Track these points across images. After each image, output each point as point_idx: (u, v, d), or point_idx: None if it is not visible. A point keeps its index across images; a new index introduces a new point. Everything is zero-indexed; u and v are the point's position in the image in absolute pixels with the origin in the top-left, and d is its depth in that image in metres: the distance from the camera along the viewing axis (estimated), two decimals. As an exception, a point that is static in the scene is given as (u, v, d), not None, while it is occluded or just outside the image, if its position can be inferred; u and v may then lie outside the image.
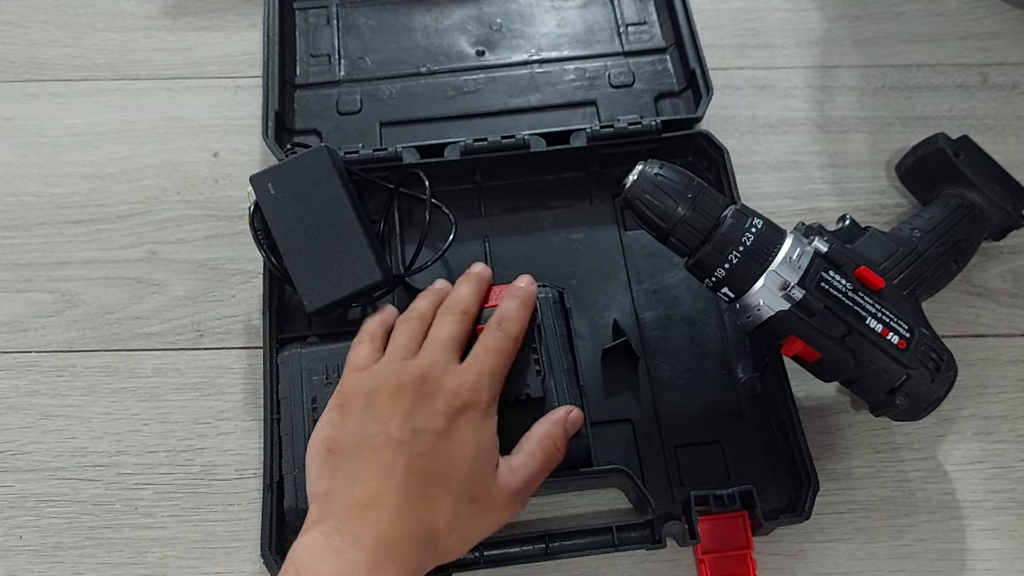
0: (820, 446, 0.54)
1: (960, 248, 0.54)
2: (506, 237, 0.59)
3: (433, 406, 0.44)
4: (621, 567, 0.51)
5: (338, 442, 0.44)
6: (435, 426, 0.43)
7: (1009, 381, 0.56)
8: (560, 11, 0.69)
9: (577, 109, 0.64)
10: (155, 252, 0.60)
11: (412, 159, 0.59)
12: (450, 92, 0.65)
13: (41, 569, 0.51)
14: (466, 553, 0.45)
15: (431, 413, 0.44)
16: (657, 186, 0.47)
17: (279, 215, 0.53)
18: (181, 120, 0.65)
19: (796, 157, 0.64)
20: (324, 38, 0.67)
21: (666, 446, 0.53)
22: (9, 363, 0.57)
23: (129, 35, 0.69)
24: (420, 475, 0.42)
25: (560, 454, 0.47)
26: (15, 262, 0.60)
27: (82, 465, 0.54)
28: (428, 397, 0.44)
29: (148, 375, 0.56)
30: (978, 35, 0.69)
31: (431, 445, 0.43)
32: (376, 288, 0.53)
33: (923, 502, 0.53)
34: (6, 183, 0.63)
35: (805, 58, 0.68)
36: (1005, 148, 0.64)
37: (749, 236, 0.46)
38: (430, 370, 0.45)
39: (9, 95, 0.67)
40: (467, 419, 0.44)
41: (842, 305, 0.47)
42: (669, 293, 0.58)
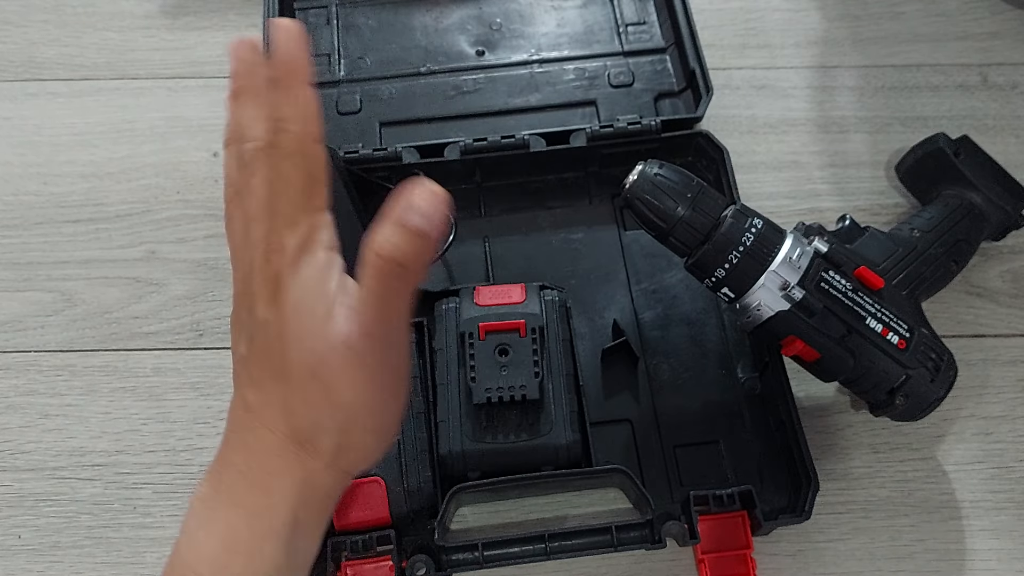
0: (820, 446, 0.54)
1: (960, 248, 0.54)
2: (506, 237, 0.59)
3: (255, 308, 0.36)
4: (621, 567, 0.51)
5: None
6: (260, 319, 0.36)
7: (1009, 381, 0.56)
8: (560, 11, 0.68)
9: (577, 109, 0.64)
10: (154, 252, 0.60)
11: (412, 159, 0.59)
12: (450, 92, 0.65)
13: (40, 568, 0.51)
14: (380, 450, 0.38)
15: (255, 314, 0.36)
16: (657, 186, 0.47)
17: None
18: (180, 119, 0.65)
19: (796, 157, 0.64)
20: (324, 38, 0.67)
21: (665, 446, 0.53)
22: (8, 362, 0.57)
23: (128, 34, 0.69)
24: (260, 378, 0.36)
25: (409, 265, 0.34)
26: (14, 261, 0.60)
27: (81, 464, 0.54)
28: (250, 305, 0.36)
29: (147, 375, 0.56)
30: (978, 35, 0.69)
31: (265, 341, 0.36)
32: (376, 288, 0.52)
33: (922, 502, 0.53)
34: (5, 182, 0.63)
35: (805, 58, 0.68)
36: (1005, 148, 0.64)
37: (749, 236, 0.46)
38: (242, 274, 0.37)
39: (8, 94, 0.67)
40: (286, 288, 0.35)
41: (842, 305, 0.47)
42: (668, 293, 0.58)
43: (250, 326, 0.36)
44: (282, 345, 0.35)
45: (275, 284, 0.35)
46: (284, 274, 0.35)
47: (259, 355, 0.36)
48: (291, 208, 0.36)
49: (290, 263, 0.35)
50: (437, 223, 0.33)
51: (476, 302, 0.52)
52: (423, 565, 0.47)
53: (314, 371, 0.35)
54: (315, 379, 0.35)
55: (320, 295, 0.35)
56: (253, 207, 0.36)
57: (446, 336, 0.51)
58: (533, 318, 0.51)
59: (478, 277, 0.58)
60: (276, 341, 0.35)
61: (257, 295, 0.36)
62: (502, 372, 0.49)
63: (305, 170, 0.36)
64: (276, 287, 0.35)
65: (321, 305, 0.35)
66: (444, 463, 0.49)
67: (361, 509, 0.48)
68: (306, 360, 0.35)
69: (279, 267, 0.35)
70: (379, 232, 0.34)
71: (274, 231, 0.35)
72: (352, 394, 0.35)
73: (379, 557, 0.47)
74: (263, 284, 0.35)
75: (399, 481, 0.48)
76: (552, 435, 0.49)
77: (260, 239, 0.36)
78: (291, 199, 0.36)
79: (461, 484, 0.48)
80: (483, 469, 0.49)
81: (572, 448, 0.49)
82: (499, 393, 0.49)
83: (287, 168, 0.36)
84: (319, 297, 0.35)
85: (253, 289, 0.36)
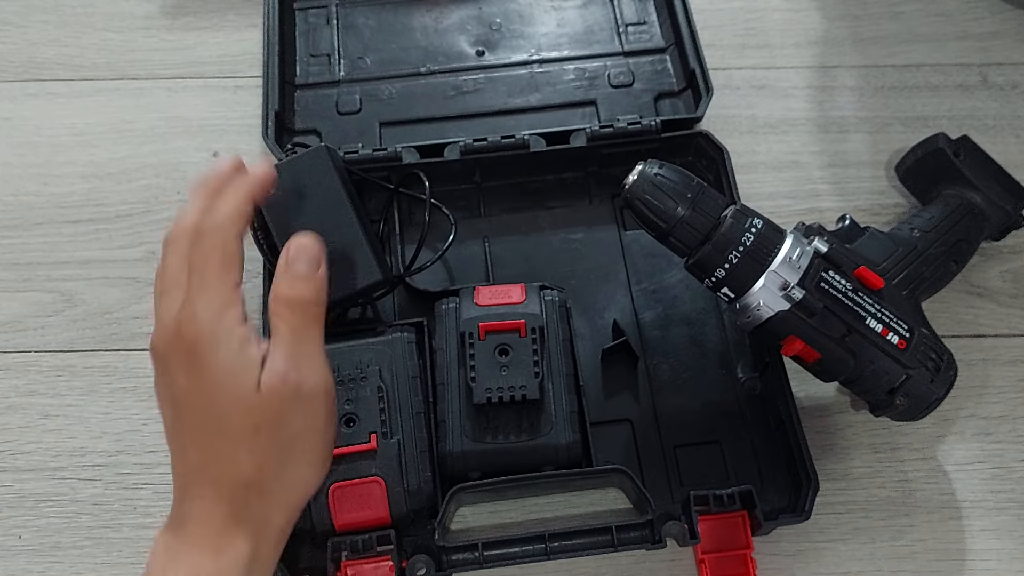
0: (820, 446, 0.54)
1: (960, 248, 0.54)
2: (505, 237, 0.59)
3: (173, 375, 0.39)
4: (621, 567, 0.51)
5: None
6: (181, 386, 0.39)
7: (1009, 381, 0.56)
8: (560, 11, 0.68)
9: (577, 109, 0.64)
10: (154, 252, 0.60)
11: (412, 159, 0.59)
12: (450, 92, 0.65)
13: (40, 569, 0.51)
14: (327, 467, 0.42)
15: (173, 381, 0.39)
16: (657, 186, 0.47)
17: (279, 215, 0.53)
18: (180, 120, 0.65)
19: (796, 157, 0.64)
20: (324, 38, 0.67)
21: (666, 446, 0.53)
22: (8, 363, 0.57)
23: (128, 35, 0.69)
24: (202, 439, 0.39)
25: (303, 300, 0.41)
26: (14, 262, 0.60)
27: (81, 465, 0.54)
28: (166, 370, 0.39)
29: (147, 375, 0.56)
30: (978, 35, 0.69)
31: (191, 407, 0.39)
32: (376, 288, 0.53)
33: (923, 502, 0.53)
34: (5, 183, 0.63)
35: (805, 58, 0.68)
36: (1005, 148, 0.64)
37: (749, 236, 0.46)
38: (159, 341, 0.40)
39: (8, 95, 0.67)
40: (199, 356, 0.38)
41: (842, 305, 0.47)
42: (669, 293, 0.58)
43: (173, 393, 0.39)
44: (215, 408, 0.38)
45: (191, 354, 0.38)
46: (200, 343, 0.38)
47: (191, 419, 0.39)
48: (204, 284, 0.39)
49: (207, 333, 0.38)
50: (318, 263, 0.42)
51: (476, 302, 0.52)
52: (423, 565, 0.47)
53: (256, 424, 0.38)
54: (256, 430, 0.38)
55: (245, 360, 0.39)
56: (167, 281, 0.40)
57: (446, 336, 0.51)
58: (533, 318, 0.51)
59: (478, 277, 0.58)
60: (208, 406, 0.38)
61: (174, 365, 0.39)
62: (502, 372, 0.49)
63: (223, 251, 0.40)
64: (193, 356, 0.38)
65: (249, 369, 0.39)
66: (444, 463, 0.49)
67: (361, 509, 0.48)
68: (244, 416, 0.38)
69: (194, 336, 0.38)
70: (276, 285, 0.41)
71: (187, 303, 0.39)
72: (293, 429, 0.39)
73: (379, 557, 0.47)
74: (178, 353, 0.38)
75: (399, 481, 0.48)
76: (552, 435, 0.49)
77: (174, 311, 0.39)
78: (204, 276, 0.39)
79: (461, 484, 0.48)
80: (483, 469, 0.49)
81: (572, 448, 0.49)
82: (499, 393, 0.49)
83: (205, 248, 0.40)
84: (244, 362, 0.39)
85: (169, 359, 0.39)
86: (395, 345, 0.51)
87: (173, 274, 0.40)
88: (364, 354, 0.51)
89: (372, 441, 0.48)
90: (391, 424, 0.49)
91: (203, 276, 0.39)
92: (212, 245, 0.40)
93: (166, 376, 0.39)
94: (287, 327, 0.40)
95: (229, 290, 0.39)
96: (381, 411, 0.49)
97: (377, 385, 0.50)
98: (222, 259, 0.40)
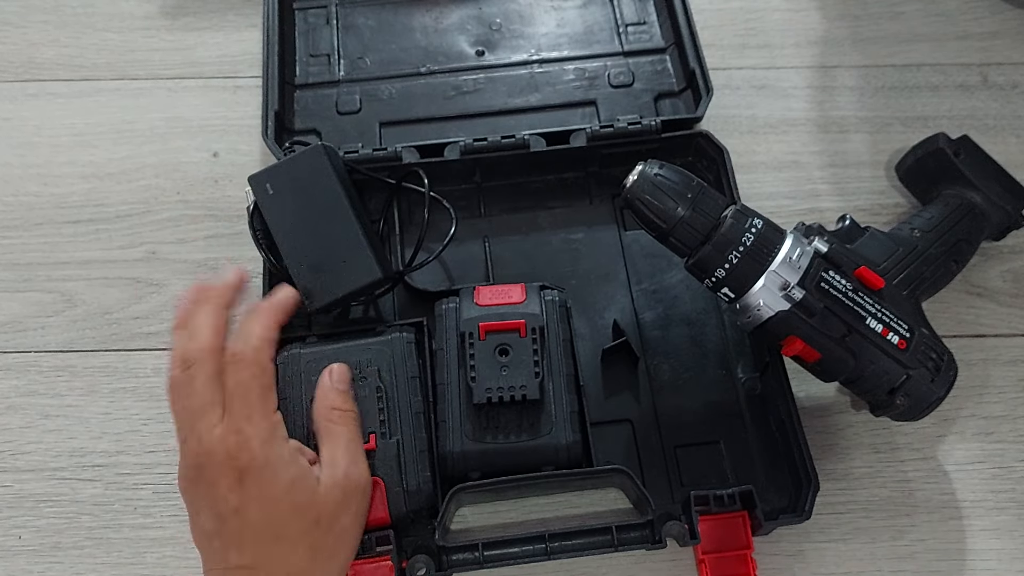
0: (820, 446, 0.54)
1: (960, 248, 0.54)
2: (506, 237, 0.59)
3: (217, 490, 0.42)
4: (621, 567, 0.51)
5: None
6: (232, 505, 0.42)
7: (1009, 381, 0.56)
8: (560, 11, 0.68)
9: (577, 109, 0.64)
10: (154, 252, 0.60)
11: (412, 159, 0.59)
12: (450, 92, 0.65)
13: (40, 569, 0.51)
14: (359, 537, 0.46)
15: (220, 498, 0.42)
16: (657, 186, 0.47)
17: (278, 215, 0.53)
18: (180, 120, 0.65)
19: (796, 157, 0.64)
20: (324, 38, 0.67)
21: (666, 446, 0.53)
22: (8, 363, 0.57)
23: (128, 35, 0.69)
24: (253, 549, 0.42)
25: (351, 411, 0.47)
26: (15, 262, 0.60)
27: (81, 465, 0.54)
28: (211, 485, 0.42)
29: (147, 375, 0.56)
30: (978, 35, 0.69)
31: (240, 520, 0.42)
32: (376, 286, 0.53)
33: (923, 502, 0.53)
34: (6, 183, 0.63)
35: (805, 58, 0.68)
36: (1005, 148, 0.64)
37: (749, 236, 0.46)
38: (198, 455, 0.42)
39: (8, 95, 0.67)
40: (253, 476, 0.42)
41: (842, 305, 0.47)
42: (669, 293, 0.57)
43: (219, 510, 0.42)
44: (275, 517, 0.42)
45: (246, 476, 0.42)
46: (255, 468, 0.42)
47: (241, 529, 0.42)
48: (250, 412, 0.43)
49: (261, 459, 0.42)
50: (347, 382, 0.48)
51: (476, 302, 0.52)
52: (423, 565, 0.47)
53: (317, 518, 0.43)
54: (316, 524, 0.43)
55: (301, 471, 0.43)
56: (197, 401, 0.43)
57: (446, 336, 0.51)
58: (533, 318, 0.51)
59: (478, 277, 0.58)
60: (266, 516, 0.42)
61: (223, 486, 0.42)
62: (502, 372, 0.49)
63: (261, 380, 0.44)
64: (247, 478, 0.42)
65: (307, 476, 0.43)
66: (444, 463, 0.49)
67: (361, 509, 0.48)
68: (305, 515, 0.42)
69: (248, 463, 0.42)
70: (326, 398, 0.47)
71: (235, 431, 0.42)
72: (346, 521, 0.44)
73: (379, 557, 0.47)
74: (228, 476, 0.42)
75: (398, 482, 0.48)
76: (552, 435, 0.49)
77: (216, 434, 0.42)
78: (249, 404, 0.43)
79: (461, 484, 0.48)
80: (483, 469, 0.49)
81: (572, 448, 0.49)
82: (499, 393, 0.49)
83: (245, 376, 0.43)
84: (301, 472, 0.43)
85: (217, 480, 0.42)
86: (395, 345, 0.51)
87: (205, 395, 0.43)
88: (363, 354, 0.51)
89: (371, 441, 0.48)
90: (390, 424, 0.49)
91: (247, 403, 0.43)
92: (252, 374, 0.44)
93: (212, 492, 0.42)
94: (343, 431, 0.46)
95: (273, 415, 0.44)
96: (380, 411, 0.49)
97: (376, 385, 0.50)
98: (261, 387, 0.44)
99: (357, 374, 0.50)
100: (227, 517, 0.42)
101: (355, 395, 0.49)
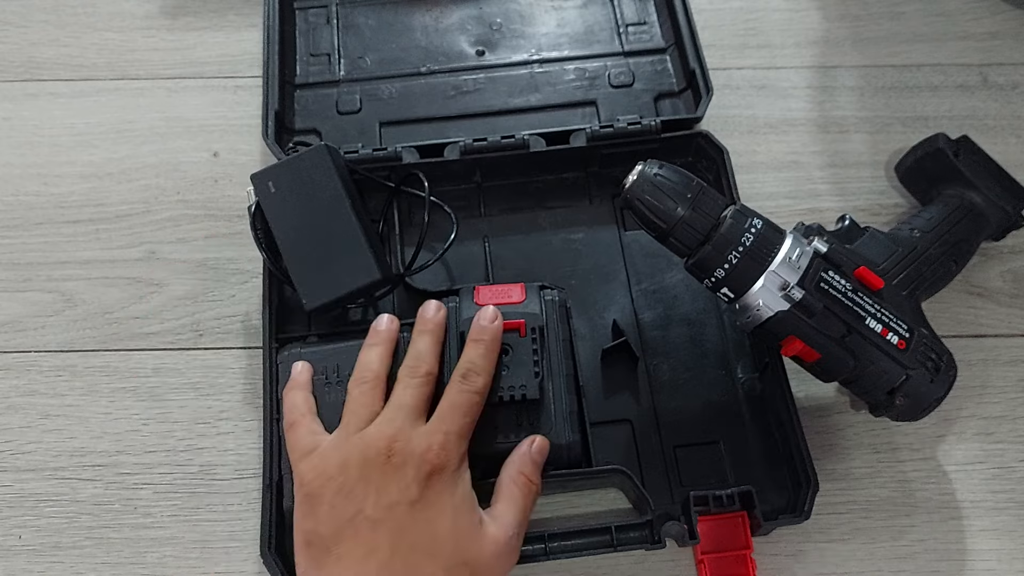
0: (820, 446, 0.54)
1: (960, 248, 0.54)
2: (506, 237, 0.59)
3: (404, 476, 0.43)
4: (620, 567, 0.51)
5: (315, 533, 0.43)
6: (410, 496, 0.43)
7: (1009, 381, 0.56)
8: (560, 11, 0.68)
9: (577, 109, 0.64)
10: (154, 252, 0.60)
11: (412, 159, 0.59)
12: (450, 92, 0.65)
13: (40, 569, 0.51)
14: None
15: (403, 484, 0.43)
16: (656, 186, 0.47)
17: (279, 213, 0.53)
18: (180, 120, 0.65)
19: (796, 157, 0.64)
20: (324, 38, 0.67)
21: (665, 446, 0.53)
22: (8, 363, 0.57)
23: (128, 35, 0.69)
24: (405, 551, 0.42)
25: (536, 486, 0.47)
26: (14, 262, 0.60)
27: (81, 465, 0.54)
28: (397, 468, 0.43)
29: (147, 375, 0.56)
30: (978, 35, 0.69)
31: (410, 517, 0.42)
32: (375, 287, 0.53)
33: (923, 502, 0.53)
34: (6, 183, 0.63)
35: (805, 58, 0.68)
36: (1005, 148, 0.64)
37: (749, 236, 0.46)
38: (395, 439, 0.44)
39: (9, 95, 0.67)
40: (440, 483, 0.43)
41: (841, 305, 0.47)
42: (668, 293, 0.58)
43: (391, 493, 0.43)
44: (440, 531, 0.43)
45: (439, 471, 0.43)
46: (447, 471, 0.43)
47: (401, 526, 0.42)
48: (459, 425, 0.45)
49: (454, 465, 0.44)
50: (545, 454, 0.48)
51: (476, 302, 0.52)
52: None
53: (465, 560, 0.43)
54: (464, 565, 0.42)
55: (472, 506, 0.44)
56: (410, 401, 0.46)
57: (446, 336, 0.51)
58: (533, 318, 0.51)
59: (478, 277, 0.58)
60: (427, 523, 0.42)
61: (406, 470, 0.43)
62: (502, 372, 0.49)
63: (473, 411, 0.46)
64: (438, 475, 0.43)
65: (475, 510, 0.44)
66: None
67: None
68: (460, 552, 0.43)
69: (444, 462, 0.43)
70: (523, 462, 0.47)
71: (440, 432, 0.44)
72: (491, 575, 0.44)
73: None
74: (418, 464, 0.43)
75: None
76: (552, 435, 0.49)
77: (423, 429, 0.45)
78: (459, 420, 0.45)
79: (461, 484, 0.48)
80: (483, 469, 0.49)
81: (572, 448, 0.49)
82: (499, 393, 0.49)
83: (464, 400, 0.46)
84: (471, 508, 0.44)
85: (406, 467, 0.43)
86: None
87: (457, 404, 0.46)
88: (364, 354, 0.51)
89: None
90: None
91: (456, 419, 0.45)
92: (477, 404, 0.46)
93: (397, 477, 0.43)
94: (524, 499, 0.46)
95: (466, 447, 0.46)
96: None
97: (376, 386, 0.50)
98: (472, 415, 0.46)
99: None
100: (397, 506, 0.42)
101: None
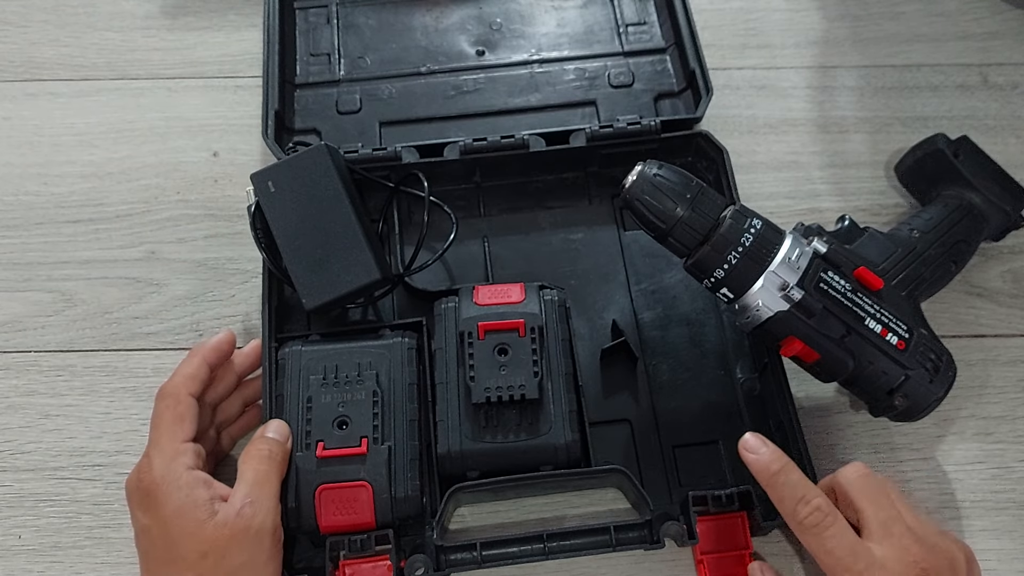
0: (820, 446, 0.54)
1: (959, 249, 0.54)
2: (505, 237, 0.59)
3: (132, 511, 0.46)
4: (620, 567, 0.51)
5: None
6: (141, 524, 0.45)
7: (1009, 381, 0.56)
8: (560, 11, 0.68)
9: (577, 109, 0.64)
10: (154, 252, 0.60)
11: (412, 159, 0.59)
12: (450, 92, 0.65)
13: (40, 568, 0.51)
14: None
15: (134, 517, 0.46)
16: (656, 187, 0.47)
17: (279, 213, 0.53)
18: (180, 120, 0.65)
19: (796, 157, 0.64)
20: (324, 37, 0.67)
21: (664, 446, 0.53)
22: (8, 363, 0.57)
23: (128, 35, 0.69)
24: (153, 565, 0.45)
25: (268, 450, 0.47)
26: (14, 262, 0.60)
27: (81, 465, 0.54)
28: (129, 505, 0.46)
29: (147, 375, 0.56)
30: (978, 35, 0.69)
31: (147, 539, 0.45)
32: (374, 287, 0.53)
33: (923, 502, 0.53)
34: (6, 183, 0.63)
35: (805, 58, 0.68)
36: (1005, 148, 0.64)
37: (748, 237, 0.46)
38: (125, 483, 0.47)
39: (9, 95, 0.67)
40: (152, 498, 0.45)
41: (841, 306, 0.47)
42: (668, 293, 0.58)
43: (136, 529, 0.46)
44: (169, 539, 0.44)
45: (148, 496, 0.45)
46: (154, 489, 0.45)
47: (151, 550, 0.45)
48: (159, 438, 0.47)
49: (159, 479, 0.45)
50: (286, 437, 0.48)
51: (475, 301, 0.52)
52: (421, 565, 0.47)
53: (204, 551, 0.44)
54: (204, 556, 0.44)
55: (193, 499, 0.45)
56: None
57: (445, 336, 0.51)
58: (532, 318, 0.51)
59: (477, 277, 0.58)
60: (163, 537, 0.44)
61: (134, 505, 0.46)
62: (501, 372, 0.49)
63: (175, 410, 0.47)
64: (149, 499, 0.45)
65: (200, 505, 0.45)
66: (443, 463, 0.49)
67: (346, 513, 0.47)
68: (194, 545, 0.44)
69: (149, 483, 0.45)
70: (251, 443, 0.47)
71: (145, 455, 0.46)
72: (236, 561, 0.44)
73: (377, 557, 0.47)
74: (136, 496, 0.45)
75: (386, 488, 0.47)
76: (551, 435, 0.49)
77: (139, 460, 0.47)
78: (159, 431, 0.47)
79: (460, 484, 0.48)
80: (482, 469, 0.49)
81: (571, 448, 0.49)
82: (498, 393, 0.49)
83: (160, 407, 0.48)
84: (194, 501, 0.45)
85: (131, 501, 0.46)
86: (394, 350, 0.51)
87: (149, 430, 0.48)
88: (362, 356, 0.51)
89: (363, 445, 0.48)
90: (383, 430, 0.49)
91: (158, 431, 0.47)
92: (165, 405, 0.48)
93: (132, 514, 0.46)
94: (251, 472, 0.46)
95: (179, 443, 0.47)
96: (375, 416, 0.49)
97: (373, 389, 0.50)
98: (173, 416, 0.47)
99: (355, 376, 0.50)
100: (140, 536, 0.46)
101: (348, 397, 0.50)
